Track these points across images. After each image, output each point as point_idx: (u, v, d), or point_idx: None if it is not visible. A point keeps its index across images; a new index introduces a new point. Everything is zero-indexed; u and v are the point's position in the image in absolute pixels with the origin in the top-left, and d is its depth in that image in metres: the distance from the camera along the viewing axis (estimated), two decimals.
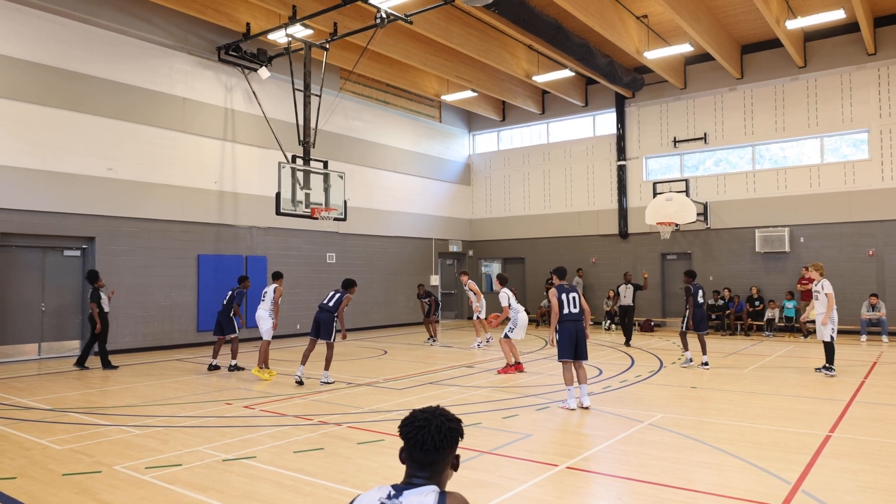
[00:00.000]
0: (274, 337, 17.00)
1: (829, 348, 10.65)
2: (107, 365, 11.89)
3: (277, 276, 11.90)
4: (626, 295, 15.72)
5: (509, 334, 11.24)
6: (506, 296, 11.58)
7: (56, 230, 13.32)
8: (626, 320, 15.75)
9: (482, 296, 15.47)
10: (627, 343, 15.33)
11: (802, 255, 17.72)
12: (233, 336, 11.96)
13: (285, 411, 8.09)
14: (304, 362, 10.26)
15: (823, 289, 10.75)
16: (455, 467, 2.13)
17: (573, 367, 8.18)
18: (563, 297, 8.23)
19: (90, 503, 4.85)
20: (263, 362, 10.98)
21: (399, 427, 2.11)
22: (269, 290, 11.70)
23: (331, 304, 10.14)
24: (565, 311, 8.22)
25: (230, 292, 12.28)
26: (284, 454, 6.10)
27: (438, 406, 2.16)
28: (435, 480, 2.06)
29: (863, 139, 17.35)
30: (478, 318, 15.34)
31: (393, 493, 2.00)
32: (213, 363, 11.89)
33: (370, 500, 2.02)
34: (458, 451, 2.13)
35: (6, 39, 12.63)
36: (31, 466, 5.77)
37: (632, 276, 16.76)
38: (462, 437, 2.12)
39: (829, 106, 17.66)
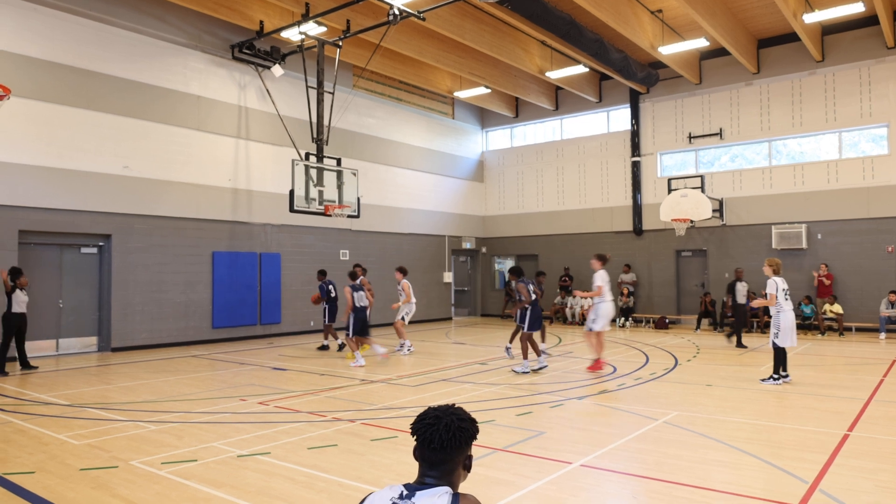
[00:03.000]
0: (288, 334, 17.26)
1: (776, 355, 9.48)
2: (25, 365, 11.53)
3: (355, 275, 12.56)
4: (741, 293, 14.62)
5: (593, 326, 10.75)
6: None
7: (73, 228, 13.47)
8: (742, 320, 14.64)
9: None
10: (739, 344, 14.12)
11: (820, 251, 17.52)
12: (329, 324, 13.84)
13: (299, 408, 8.13)
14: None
15: (768, 288, 9.61)
16: (467, 468, 2.09)
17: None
18: (529, 286, 11.16)
19: (107, 498, 4.90)
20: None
21: (411, 425, 2.09)
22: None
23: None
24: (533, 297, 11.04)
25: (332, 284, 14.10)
26: (299, 450, 6.12)
27: (454, 405, 2.13)
28: (446, 480, 2.03)
29: (882, 134, 17.10)
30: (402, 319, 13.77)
31: (405, 492, 1.98)
32: (326, 343, 14.23)
33: (382, 499, 2.00)
34: (471, 452, 2.09)
35: (24, 39, 12.77)
36: (49, 461, 5.84)
37: (743, 273, 15.50)
38: (474, 438, 2.08)
39: (847, 101, 17.41)
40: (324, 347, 14.27)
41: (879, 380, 9.84)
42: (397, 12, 13.72)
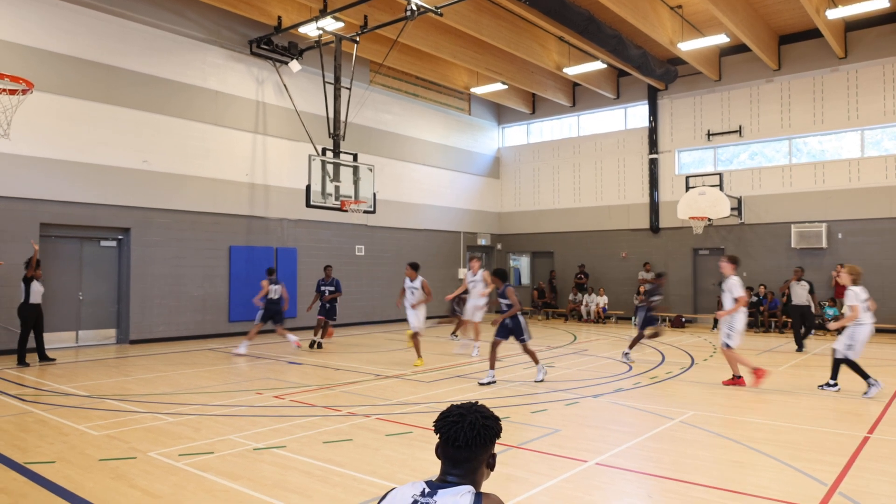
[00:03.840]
0: (302, 328, 17.33)
1: (838, 363, 8.85)
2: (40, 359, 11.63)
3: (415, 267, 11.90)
4: (800, 293, 13.80)
5: (730, 342, 9.40)
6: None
7: (93, 221, 13.62)
8: (803, 322, 13.78)
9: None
10: (800, 348, 13.39)
11: (840, 251, 17.27)
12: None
13: (315, 402, 8.17)
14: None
15: (847, 300, 8.80)
16: (491, 466, 2.06)
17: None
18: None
19: (125, 488, 4.96)
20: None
21: (434, 422, 2.07)
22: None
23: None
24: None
25: (333, 283, 14.12)
26: (314, 444, 6.15)
27: (477, 402, 2.10)
28: (469, 479, 2.00)
29: None
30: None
31: (427, 490, 1.97)
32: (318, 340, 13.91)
33: (403, 496, 1.99)
34: (494, 451, 2.07)
35: (47, 34, 12.92)
36: (69, 451, 5.92)
37: (802, 273, 14.26)
38: (498, 436, 2.05)
39: (870, 98, 17.13)
40: (316, 345, 13.81)
41: None
42: (415, 8, 13.70)
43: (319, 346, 13.76)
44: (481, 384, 9.36)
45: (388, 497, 2.03)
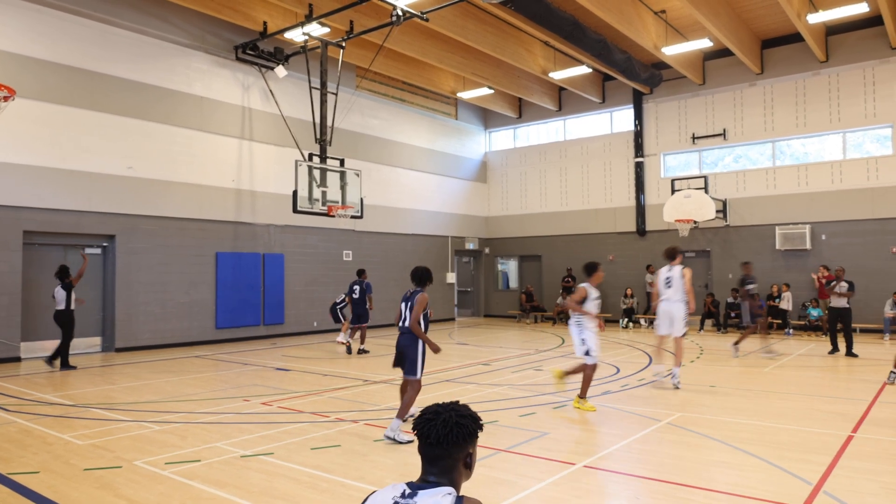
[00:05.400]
0: (289, 334, 17.26)
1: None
2: (53, 361, 11.76)
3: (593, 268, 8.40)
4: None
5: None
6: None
7: (77, 228, 13.51)
8: (844, 324, 12.76)
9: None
10: (850, 352, 12.55)
11: (824, 252, 17.47)
12: (365, 324, 13.67)
13: (302, 408, 8.14)
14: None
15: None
16: (468, 466, 2.05)
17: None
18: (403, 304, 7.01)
19: (111, 498, 4.91)
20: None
21: (414, 420, 2.08)
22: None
23: (405, 320, 6.90)
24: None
25: (359, 286, 13.67)
26: (302, 451, 6.13)
27: (458, 402, 2.11)
28: (447, 478, 2.00)
29: (886, 135, 17.05)
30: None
31: (408, 491, 1.96)
32: (362, 347, 13.64)
33: (384, 498, 1.98)
34: (472, 450, 2.06)
35: (29, 40, 12.82)
36: (54, 461, 5.85)
37: (843, 272, 13.07)
38: (474, 435, 2.05)
39: (851, 101, 17.36)
40: (351, 349, 13.88)
41: (884, 381, 9.80)
42: (400, 13, 13.73)
43: (360, 351, 13.70)
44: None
45: (368, 500, 2.02)
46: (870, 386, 9.39)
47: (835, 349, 12.87)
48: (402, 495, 1.95)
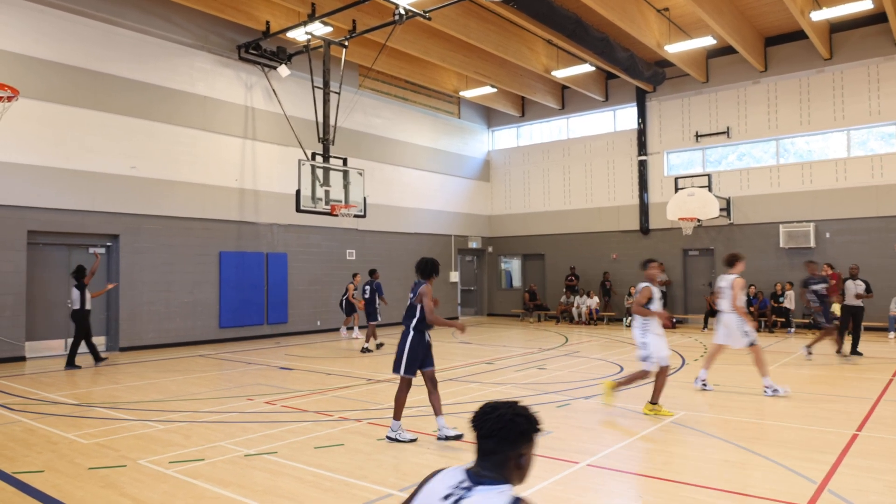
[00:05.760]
0: (293, 333, 17.28)
1: None
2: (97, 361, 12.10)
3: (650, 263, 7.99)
4: (851, 292, 12.45)
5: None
6: None
7: (81, 228, 13.54)
8: (855, 323, 12.45)
9: None
10: (854, 350, 12.38)
11: (828, 250, 17.41)
12: (374, 322, 14.03)
13: (306, 407, 8.15)
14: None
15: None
16: (520, 467, 2.02)
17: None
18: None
19: (115, 496, 4.92)
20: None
21: (473, 414, 2.09)
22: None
23: (407, 310, 6.76)
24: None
25: (370, 286, 14.20)
26: (305, 450, 6.14)
27: (518, 402, 2.08)
28: (499, 474, 1.98)
29: (891, 132, 16.98)
30: None
31: (466, 483, 1.96)
32: (366, 346, 13.94)
33: (443, 484, 1.99)
34: (527, 452, 2.03)
35: (32, 40, 12.85)
36: (58, 460, 5.87)
37: (857, 270, 12.81)
38: (528, 436, 2.02)
39: (855, 99, 17.30)
40: (368, 349, 14.09)
41: (889, 379, 9.77)
42: (403, 12, 13.72)
43: (374, 347, 14.19)
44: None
45: (431, 480, 2.05)
46: (874, 384, 9.36)
47: (841, 350, 12.50)
48: (459, 485, 1.96)
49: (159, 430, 7.02)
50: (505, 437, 1.99)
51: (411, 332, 6.47)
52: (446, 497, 1.95)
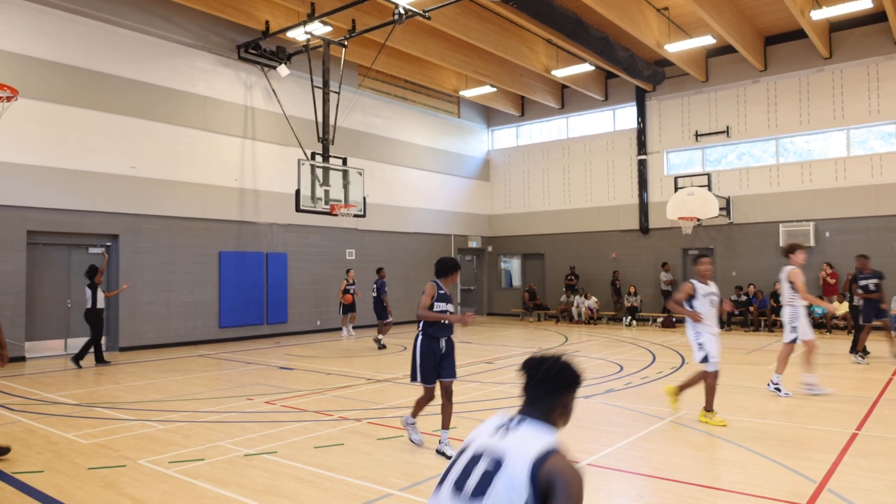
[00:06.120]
0: (293, 333, 17.28)
1: None
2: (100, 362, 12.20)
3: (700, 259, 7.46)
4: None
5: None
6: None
7: (80, 228, 13.54)
8: (856, 322, 12.05)
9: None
10: (853, 349, 11.91)
11: (828, 249, 17.42)
12: (380, 321, 14.50)
13: (306, 407, 8.14)
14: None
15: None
16: (563, 416, 2.21)
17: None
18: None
19: (115, 497, 4.92)
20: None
21: (521, 364, 2.28)
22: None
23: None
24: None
25: (376, 284, 14.68)
26: (305, 449, 6.13)
27: (563, 355, 2.27)
28: (547, 418, 2.16)
29: (891, 131, 16.98)
30: None
31: (518, 418, 2.17)
32: (381, 342, 14.30)
33: (496, 421, 2.21)
34: (569, 404, 2.22)
35: (32, 40, 12.84)
36: (58, 460, 5.87)
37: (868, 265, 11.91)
38: (573, 387, 2.21)
39: (855, 98, 17.30)
40: (380, 341, 14.57)
41: (888, 378, 9.77)
42: (403, 11, 13.72)
43: (381, 345, 14.44)
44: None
45: (482, 424, 2.24)
46: (874, 383, 9.36)
47: (854, 348, 12.02)
48: (511, 420, 2.17)
49: (159, 430, 7.02)
50: (554, 387, 2.18)
51: (420, 336, 6.10)
52: (498, 429, 2.15)
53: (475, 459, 2.08)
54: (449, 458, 5.69)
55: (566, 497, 1.92)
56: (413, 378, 6.13)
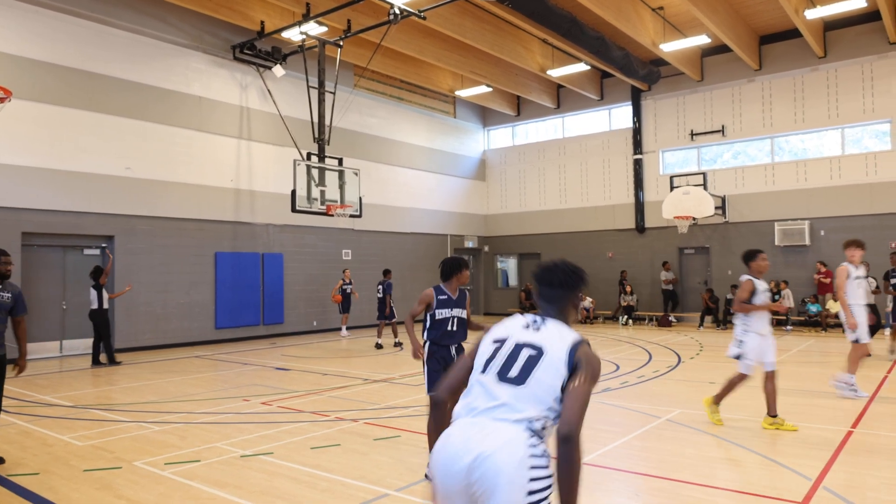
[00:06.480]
0: (289, 334, 17.25)
1: None
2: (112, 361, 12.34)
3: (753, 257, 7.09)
4: (870, 289, 11.56)
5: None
6: None
7: (76, 229, 13.50)
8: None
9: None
10: None
11: (823, 248, 17.47)
12: (385, 321, 14.81)
13: (302, 407, 8.14)
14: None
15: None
16: (576, 308, 2.59)
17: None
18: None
19: (111, 498, 4.91)
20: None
21: (533, 273, 2.62)
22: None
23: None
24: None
25: (382, 285, 14.97)
26: (301, 450, 6.13)
27: (566, 260, 2.63)
28: (562, 317, 2.53)
29: (885, 130, 17.04)
30: None
31: (539, 319, 2.51)
32: (379, 343, 14.57)
33: (517, 322, 2.54)
34: (578, 299, 2.58)
35: (26, 41, 12.80)
36: (54, 462, 5.85)
37: (868, 266, 11.75)
38: (582, 284, 2.57)
39: (849, 97, 17.36)
40: (398, 342, 15.02)
41: (883, 376, 9.81)
42: (398, 11, 13.71)
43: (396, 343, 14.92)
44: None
45: (504, 322, 2.56)
46: (869, 381, 9.39)
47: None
48: (534, 321, 2.51)
49: (155, 431, 7.00)
50: (567, 287, 2.55)
51: (427, 345, 5.54)
52: (527, 325, 2.50)
53: (517, 349, 2.42)
54: None
55: (590, 373, 2.35)
56: (427, 388, 5.56)
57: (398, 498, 4.84)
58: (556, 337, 2.41)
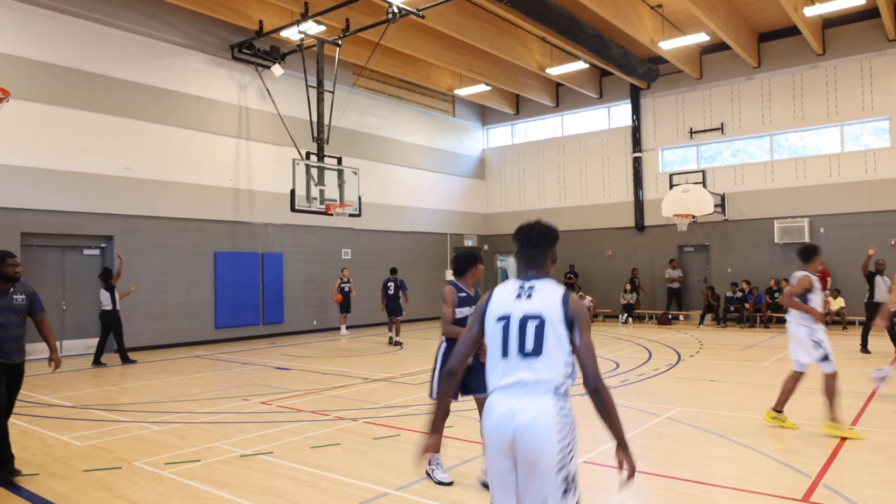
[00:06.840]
0: (289, 333, 17.25)
1: None
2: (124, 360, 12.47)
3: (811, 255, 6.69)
4: (882, 289, 11.76)
5: None
6: None
7: (75, 229, 13.49)
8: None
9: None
10: (864, 348, 12.08)
11: (822, 245, 17.39)
12: (400, 317, 14.93)
13: (302, 407, 8.13)
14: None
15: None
16: (554, 261, 2.84)
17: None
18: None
19: (110, 499, 4.91)
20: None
21: (513, 235, 2.84)
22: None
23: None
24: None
25: (392, 282, 15.05)
26: (301, 450, 6.13)
27: (540, 219, 2.85)
28: (544, 271, 2.80)
29: (884, 127, 17.04)
30: None
31: (524, 283, 2.75)
32: (397, 340, 14.78)
33: (507, 289, 2.78)
34: (555, 252, 2.83)
35: (24, 41, 12.78)
36: (53, 463, 5.85)
37: (884, 266, 12.24)
38: (556, 240, 2.82)
39: (849, 94, 17.35)
40: (398, 342, 14.99)
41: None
42: (396, 10, 13.70)
43: (396, 343, 14.81)
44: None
45: (494, 293, 2.80)
46: (868, 380, 9.38)
47: (865, 348, 12.03)
48: (523, 285, 2.75)
49: (155, 431, 7.00)
50: (546, 244, 2.80)
51: (443, 344, 5.21)
52: (518, 295, 2.73)
53: (524, 323, 2.66)
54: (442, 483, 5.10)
55: (585, 322, 2.66)
56: (431, 394, 5.39)
57: (398, 497, 4.84)
58: (547, 299, 2.67)
